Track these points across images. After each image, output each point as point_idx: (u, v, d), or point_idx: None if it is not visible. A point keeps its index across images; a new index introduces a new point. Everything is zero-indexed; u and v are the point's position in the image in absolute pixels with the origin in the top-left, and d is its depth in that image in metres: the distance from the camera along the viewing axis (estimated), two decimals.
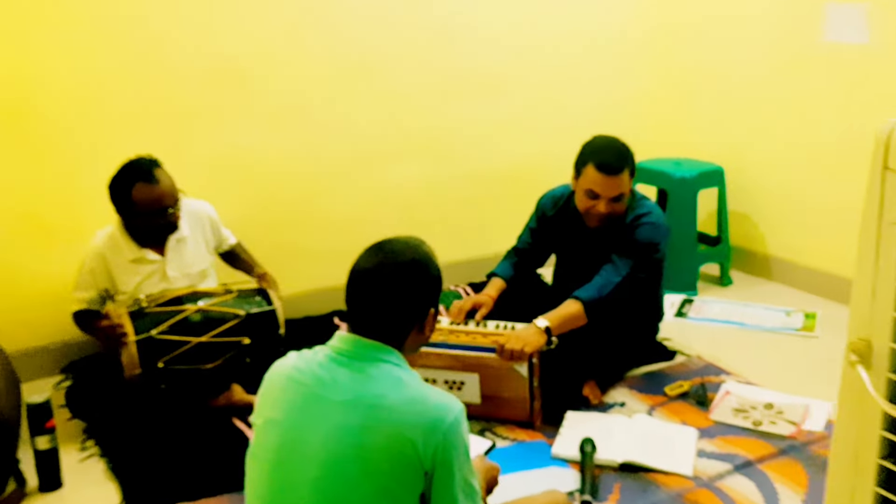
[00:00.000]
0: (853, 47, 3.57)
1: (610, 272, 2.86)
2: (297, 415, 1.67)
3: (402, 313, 1.75)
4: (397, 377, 1.68)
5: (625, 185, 2.86)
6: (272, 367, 1.79)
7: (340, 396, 1.65)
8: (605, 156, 2.85)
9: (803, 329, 3.54)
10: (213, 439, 2.77)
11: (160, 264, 2.99)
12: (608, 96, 4.33)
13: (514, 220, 3.37)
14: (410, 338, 1.78)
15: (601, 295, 2.80)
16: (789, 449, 2.63)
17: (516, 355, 2.63)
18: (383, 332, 1.73)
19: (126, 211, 2.88)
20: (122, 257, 2.94)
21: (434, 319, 1.83)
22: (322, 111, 3.66)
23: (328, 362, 1.71)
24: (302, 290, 3.74)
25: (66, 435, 2.79)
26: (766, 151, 4.08)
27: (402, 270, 1.74)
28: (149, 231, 2.94)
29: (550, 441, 2.70)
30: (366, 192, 3.84)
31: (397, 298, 1.73)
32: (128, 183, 2.84)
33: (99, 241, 2.95)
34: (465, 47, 3.92)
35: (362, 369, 1.68)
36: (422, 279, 1.78)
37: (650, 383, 3.09)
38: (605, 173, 2.83)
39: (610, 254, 2.92)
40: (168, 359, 2.78)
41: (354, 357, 1.70)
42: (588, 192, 2.87)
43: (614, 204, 2.87)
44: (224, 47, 3.40)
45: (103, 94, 3.22)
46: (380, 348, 1.71)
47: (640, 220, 2.93)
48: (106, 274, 2.95)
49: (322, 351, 1.75)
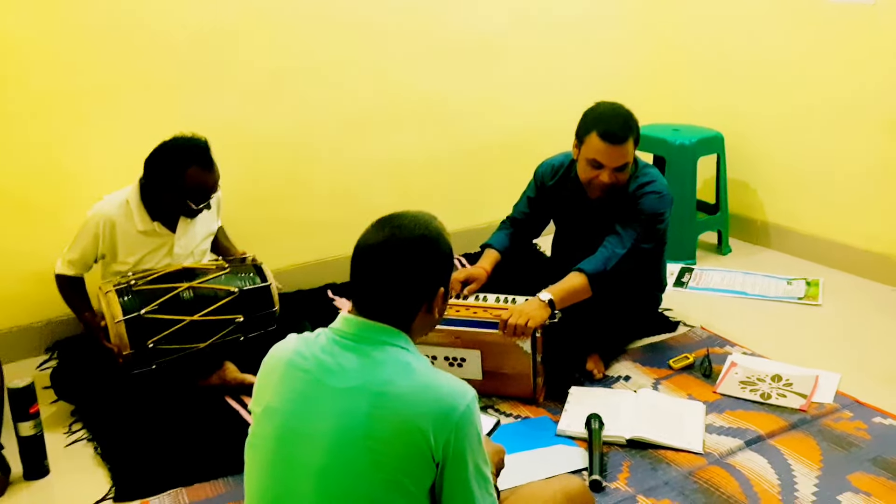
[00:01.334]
0: (857, 8, 3.47)
1: (614, 244, 2.77)
2: (300, 403, 1.57)
3: (410, 292, 1.64)
4: (405, 362, 1.57)
5: (629, 155, 2.76)
6: (271, 352, 1.68)
7: (345, 383, 1.54)
8: (609, 124, 2.73)
9: (806, 297, 3.48)
10: (206, 420, 2.68)
11: (168, 239, 2.89)
12: (605, 61, 4.23)
13: (510, 189, 3.27)
14: (419, 319, 1.67)
15: (606, 268, 2.72)
16: (800, 423, 2.56)
17: (519, 331, 2.54)
18: (390, 312, 1.62)
19: (168, 188, 2.76)
20: (132, 226, 2.83)
21: (444, 299, 1.72)
22: (312, 79, 3.53)
23: (332, 346, 1.60)
24: (294, 263, 3.65)
25: (52, 419, 2.70)
26: (765, 117, 3.99)
27: (410, 246, 1.63)
28: (175, 210, 2.85)
29: (555, 417, 2.62)
30: (358, 162, 3.72)
31: (405, 276, 1.62)
32: (185, 163, 2.73)
33: (110, 206, 2.82)
34: (459, 12, 3.79)
35: (368, 353, 1.57)
36: (431, 255, 1.66)
37: (654, 356, 3.02)
38: (610, 142, 2.72)
39: (612, 224, 2.83)
40: (158, 338, 2.69)
41: (359, 340, 1.59)
42: (591, 162, 2.77)
43: (618, 174, 2.77)
44: (206, 14, 3.25)
45: (84, 68, 3.07)
46: (386, 331, 1.61)
47: (643, 188, 2.84)
48: (111, 240, 2.83)
49: (325, 334, 1.64)
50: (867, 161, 3.58)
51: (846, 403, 2.66)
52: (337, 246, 3.69)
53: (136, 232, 2.83)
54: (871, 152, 3.55)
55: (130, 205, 2.82)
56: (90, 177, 3.09)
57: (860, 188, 3.63)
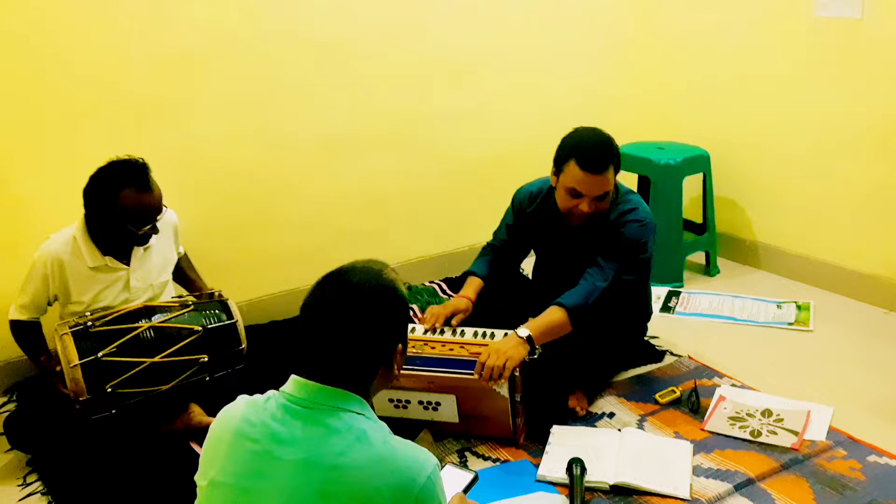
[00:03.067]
0: (845, 22, 3.37)
1: (595, 276, 2.65)
2: (247, 478, 1.44)
3: (365, 353, 1.52)
4: (361, 430, 1.45)
5: (609, 183, 2.64)
6: (218, 417, 1.56)
7: (295, 455, 1.42)
8: (588, 151, 2.61)
9: (797, 323, 3.36)
10: (170, 468, 2.54)
11: (124, 273, 2.75)
12: (586, 79, 4.11)
13: (491, 213, 3.16)
14: (377, 380, 1.56)
15: (587, 302, 2.60)
16: (791, 463, 2.44)
17: (496, 373, 2.41)
18: (344, 375, 1.50)
19: (105, 215, 2.62)
20: (81, 264, 2.69)
21: (403, 355, 1.60)
22: (285, 100, 3.40)
23: (282, 413, 1.48)
24: (266, 293, 3.52)
25: (6, 469, 2.57)
26: (752, 134, 3.88)
27: (362, 303, 1.52)
28: (120, 240, 2.70)
29: (535, 460, 2.50)
30: (330, 188, 3.59)
31: (359, 336, 1.51)
32: (117, 185, 2.58)
33: (56, 245, 2.69)
34: (436, 31, 3.66)
35: (320, 421, 1.45)
36: (386, 311, 1.55)
37: (639, 389, 2.90)
38: (589, 171, 2.60)
39: (593, 253, 2.71)
40: (117, 382, 2.55)
41: (311, 406, 1.47)
42: (570, 191, 2.64)
43: (598, 203, 2.65)
44: (176, 34, 3.11)
45: (40, 97, 2.94)
46: (341, 395, 1.49)
47: (625, 216, 2.72)
48: (61, 281, 2.70)
49: (275, 398, 1.52)
50: (857, 179, 3.47)
51: (840, 440, 2.55)
52: (310, 275, 3.43)
53: (87, 269, 2.69)
54: (862, 170, 3.45)
55: (78, 241, 2.68)
56: (47, 210, 2.95)
57: (850, 207, 3.53)
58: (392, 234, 3.79)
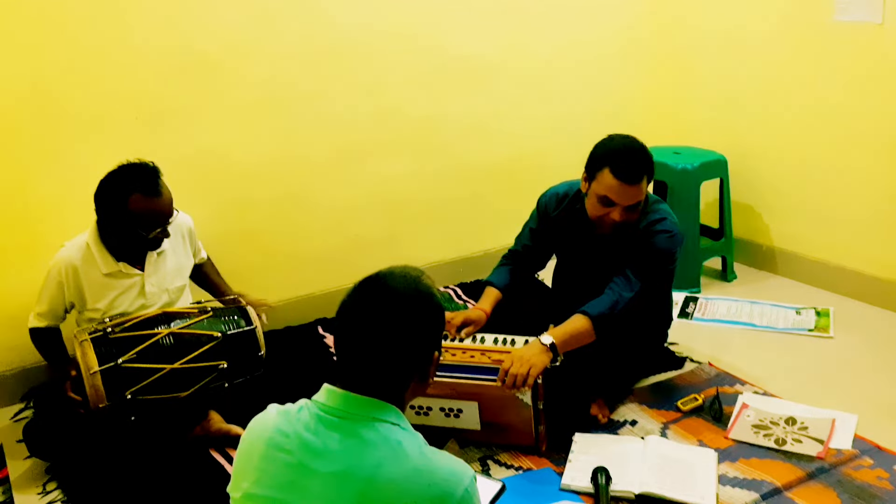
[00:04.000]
0: (865, 27, 3.34)
1: (622, 286, 2.61)
2: (281, 490, 1.42)
3: (401, 360, 1.50)
4: (396, 441, 1.43)
5: (643, 193, 2.59)
6: (250, 427, 1.54)
7: (331, 467, 1.40)
8: (624, 161, 2.55)
9: (817, 329, 3.34)
10: (190, 476, 2.53)
11: (139, 279, 2.73)
12: (603, 84, 4.09)
13: (508, 217, 3.13)
14: (410, 389, 1.54)
15: (613, 312, 2.56)
16: (818, 472, 2.42)
17: (520, 381, 2.38)
18: (379, 384, 1.48)
19: (115, 219, 2.60)
20: (95, 270, 2.68)
21: (436, 364, 1.58)
22: (301, 104, 3.38)
23: (316, 423, 1.45)
24: (282, 298, 3.49)
25: (24, 477, 2.55)
26: (770, 138, 3.86)
27: (400, 308, 1.49)
28: (131, 244, 2.68)
29: (558, 469, 2.48)
30: (349, 191, 3.57)
31: (396, 342, 1.48)
32: (126, 190, 2.56)
33: (70, 252, 2.67)
34: (453, 34, 3.64)
35: (355, 432, 1.43)
36: (424, 318, 1.52)
37: (661, 397, 2.87)
38: (624, 181, 2.54)
39: (619, 261, 2.67)
40: (137, 389, 2.53)
41: (346, 417, 1.45)
42: (602, 199, 2.59)
43: (630, 213, 2.60)
44: (192, 38, 3.10)
45: (58, 94, 2.92)
46: (376, 405, 1.46)
47: (654, 226, 2.66)
48: (76, 288, 2.68)
49: (308, 408, 1.49)
50: (876, 184, 3.45)
51: (866, 449, 2.52)
52: (327, 280, 3.55)
53: (102, 275, 2.68)
54: (881, 174, 3.42)
55: (91, 248, 2.67)
56: (63, 216, 2.93)
57: (869, 212, 3.50)
58: (407, 239, 3.76)
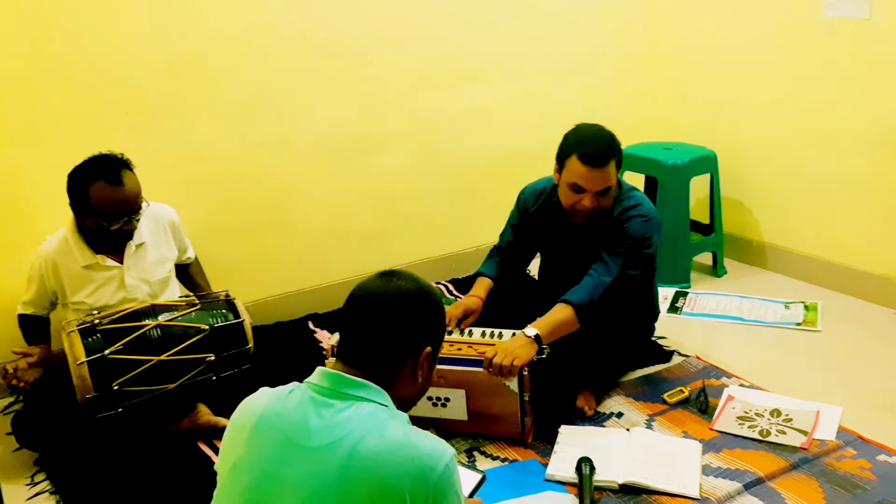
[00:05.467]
0: (853, 22, 3.36)
1: (600, 271, 2.64)
2: (268, 463, 1.46)
3: (397, 339, 1.58)
4: (381, 419, 1.48)
5: (612, 178, 2.63)
6: (241, 406, 1.59)
7: (317, 441, 1.45)
8: (589, 146, 2.60)
9: (805, 323, 3.35)
10: (177, 467, 2.55)
11: (118, 271, 2.74)
12: (594, 80, 4.10)
13: (498, 214, 3.14)
14: (401, 379, 1.59)
15: (593, 298, 2.59)
16: (801, 462, 2.43)
17: (505, 370, 2.41)
18: (373, 361, 1.56)
19: (80, 209, 2.62)
20: (74, 263, 2.69)
21: (430, 363, 1.65)
22: (294, 100, 3.39)
23: (307, 402, 1.51)
24: (273, 294, 3.51)
25: (12, 468, 2.57)
26: (759, 133, 3.87)
27: (408, 294, 1.61)
28: (101, 235, 2.68)
29: (544, 460, 2.49)
30: (341, 187, 3.58)
31: (397, 320, 1.58)
32: (88, 178, 2.57)
33: (49, 246, 2.70)
34: (447, 31, 3.66)
35: (343, 410, 1.49)
36: (427, 308, 1.63)
37: (647, 389, 2.88)
38: (591, 165, 2.59)
39: (598, 250, 2.70)
40: (124, 380, 2.54)
41: (335, 396, 1.51)
42: (572, 186, 2.64)
43: (601, 198, 2.64)
44: (183, 34, 3.11)
45: (47, 90, 2.93)
46: (364, 386, 1.53)
47: (628, 212, 2.71)
48: (56, 281, 2.71)
49: (300, 389, 1.56)
50: (865, 179, 3.46)
51: (849, 440, 2.53)
52: (317, 276, 3.56)
53: (80, 268, 2.69)
54: (870, 170, 3.43)
55: (69, 241, 2.69)
56: (53, 210, 2.93)
57: (859, 207, 3.51)
58: (399, 236, 3.77)
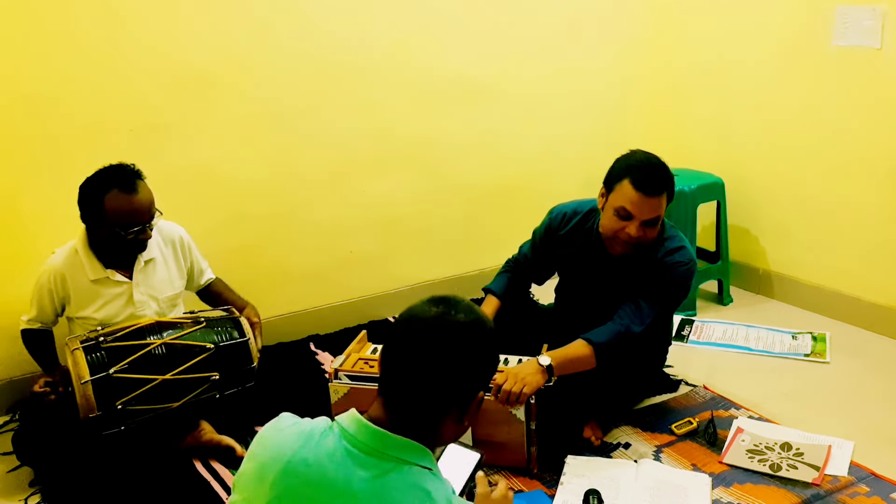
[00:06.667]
0: (863, 52, 3.35)
1: (631, 317, 2.56)
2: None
3: (450, 381, 1.43)
4: (425, 491, 1.36)
5: (662, 209, 2.54)
6: (264, 437, 1.45)
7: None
8: (645, 172, 2.51)
9: (813, 354, 3.32)
10: (179, 487, 2.50)
11: (127, 287, 2.71)
12: (600, 105, 4.09)
13: (502, 237, 3.13)
14: (446, 426, 1.46)
15: (617, 344, 2.53)
16: (814, 499, 2.39)
17: (513, 398, 2.37)
18: (420, 409, 1.42)
19: (93, 219, 2.59)
20: (83, 277, 2.66)
21: (478, 407, 1.51)
22: (297, 121, 3.37)
23: (342, 456, 1.38)
24: (275, 314, 3.47)
25: (7, 488, 2.53)
26: (767, 161, 3.86)
27: (465, 337, 1.43)
28: (113, 247, 2.65)
29: (550, 491, 2.45)
30: (344, 208, 3.56)
31: (451, 357, 1.41)
32: (102, 188, 2.55)
33: (58, 259, 2.67)
34: (450, 54, 3.65)
35: (383, 474, 1.36)
36: (483, 344, 1.47)
37: (655, 419, 2.85)
38: (644, 192, 2.49)
39: (629, 286, 2.61)
40: (128, 399, 2.51)
41: (375, 455, 1.38)
42: (619, 211, 2.53)
43: (647, 229, 2.54)
44: (189, 52, 3.10)
45: (52, 104, 2.91)
46: (407, 447, 1.39)
47: (672, 256, 2.60)
48: (63, 294, 2.67)
49: (333, 435, 1.41)
50: (874, 209, 3.44)
51: (862, 476, 2.50)
52: (320, 296, 3.53)
53: (89, 282, 2.67)
54: (879, 200, 3.42)
55: (79, 253, 2.66)
56: (50, 227, 2.91)
57: (867, 237, 3.49)
58: (402, 258, 3.75)
